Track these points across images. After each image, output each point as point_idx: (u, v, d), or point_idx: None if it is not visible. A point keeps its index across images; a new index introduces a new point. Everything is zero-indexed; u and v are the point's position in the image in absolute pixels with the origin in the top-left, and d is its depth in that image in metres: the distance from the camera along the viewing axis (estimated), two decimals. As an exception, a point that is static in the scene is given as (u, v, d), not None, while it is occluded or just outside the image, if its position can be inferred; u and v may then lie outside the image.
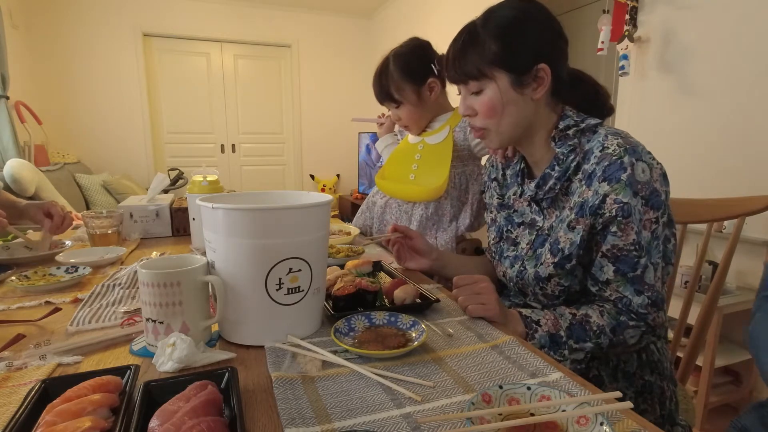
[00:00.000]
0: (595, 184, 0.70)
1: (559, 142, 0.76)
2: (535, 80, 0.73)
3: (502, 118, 0.75)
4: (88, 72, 3.98)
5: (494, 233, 0.91)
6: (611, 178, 0.68)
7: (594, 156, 0.71)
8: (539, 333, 0.71)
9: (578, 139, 0.75)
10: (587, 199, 0.71)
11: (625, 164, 0.68)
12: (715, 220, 1.00)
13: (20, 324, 0.71)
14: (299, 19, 4.67)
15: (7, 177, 2.49)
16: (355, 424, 0.46)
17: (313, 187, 4.93)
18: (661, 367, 0.78)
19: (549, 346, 0.71)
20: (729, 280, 1.80)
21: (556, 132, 0.77)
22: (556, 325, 0.72)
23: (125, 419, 0.43)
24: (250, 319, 0.63)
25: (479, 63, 0.73)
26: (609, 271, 0.71)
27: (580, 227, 0.72)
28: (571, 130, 0.75)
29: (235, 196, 0.77)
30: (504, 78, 0.73)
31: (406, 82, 1.22)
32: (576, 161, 0.74)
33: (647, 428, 0.45)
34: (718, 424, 1.77)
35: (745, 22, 1.75)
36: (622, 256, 0.70)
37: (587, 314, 0.72)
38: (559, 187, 0.76)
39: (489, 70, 0.73)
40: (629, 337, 0.71)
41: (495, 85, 0.73)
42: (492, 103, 0.74)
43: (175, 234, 1.41)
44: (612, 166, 0.68)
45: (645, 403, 0.76)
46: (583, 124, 0.75)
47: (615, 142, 0.70)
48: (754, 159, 1.74)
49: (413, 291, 0.79)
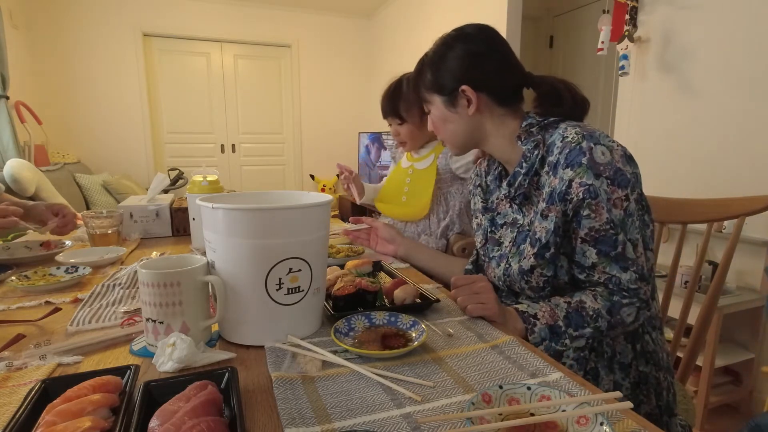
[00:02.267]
0: (560, 171, 0.74)
1: (524, 140, 0.81)
2: (462, 99, 0.82)
3: (444, 131, 0.87)
4: (88, 72, 3.98)
5: (480, 236, 0.94)
6: (573, 164, 0.72)
7: (556, 147, 0.75)
8: (538, 326, 0.73)
9: (541, 135, 0.79)
10: (555, 187, 0.74)
11: (584, 149, 0.71)
12: (715, 220, 1.00)
13: (20, 324, 0.71)
14: (299, 19, 4.67)
15: (7, 177, 2.49)
16: (355, 424, 0.46)
17: (313, 187, 4.93)
18: (656, 358, 0.79)
19: (549, 337, 0.72)
20: (729, 280, 1.80)
21: (521, 131, 0.81)
22: (553, 316, 0.73)
23: (125, 419, 0.43)
24: (250, 319, 0.63)
25: (421, 89, 0.87)
26: (592, 254, 0.73)
27: (552, 215, 0.75)
28: (534, 128, 0.80)
29: (235, 196, 0.77)
30: (437, 100, 0.85)
31: (415, 104, 1.34)
32: (540, 155, 0.78)
33: (647, 428, 0.46)
34: (718, 424, 1.77)
35: (745, 22, 1.75)
36: (600, 237, 0.72)
37: (581, 300, 0.74)
38: (528, 182, 0.80)
39: (426, 94, 0.86)
40: (626, 316, 0.73)
41: (434, 107, 0.86)
42: (433, 119, 0.88)
43: (175, 234, 1.41)
44: (572, 152, 0.72)
45: (641, 394, 0.77)
46: (545, 121, 0.80)
47: (573, 131, 0.74)
48: (754, 159, 1.74)
49: (413, 291, 0.79)
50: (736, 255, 0.97)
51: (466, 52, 0.81)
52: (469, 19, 0.80)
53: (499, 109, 0.83)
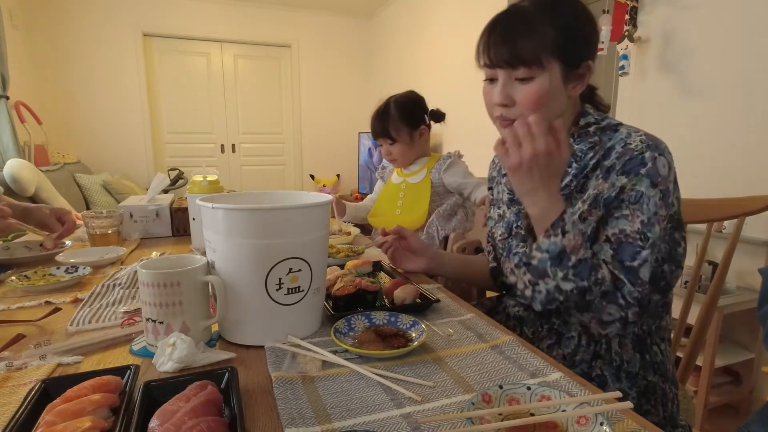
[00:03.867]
0: (612, 176, 0.69)
1: (578, 138, 0.75)
2: (579, 77, 0.72)
3: (544, 111, 0.70)
4: (88, 72, 3.98)
5: (503, 229, 0.88)
6: (629, 171, 0.67)
7: (615, 152, 0.70)
8: (556, 240, 0.64)
9: (598, 137, 0.73)
10: (602, 191, 0.69)
11: (646, 159, 0.67)
12: (715, 220, 1.00)
13: (20, 324, 0.71)
14: (299, 19, 4.67)
15: (7, 177, 2.49)
16: (355, 424, 0.46)
17: (313, 187, 4.93)
18: (663, 369, 0.78)
19: (553, 258, 0.65)
20: (729, 280, 1.80)
21: (575, 129, 0.75)
22: (575, 248, 0.65)
23: (125, 419, 0.43)
24: (250, 319, 0.63)
25: (538, 49, 0.68)
26: (607, 254, 0.69)
27: (591, 219, 0.70)
28: (591, 127, 0.74)
29: (235, 196, 0.78)
30: (557, 69, 0.69)
31: (404, 125, 1.45)
32: (596, 159, 0.72)
33: (647, 428, 0.46)
34: (718, 424, 1.77)
35: (745, 22, 1.75)
36: (626, 242, 0.67)
37: (602, 266, 0.67)
38: (575, 185, 0.74)
39: (546, 58, 0.68)
40: (606, 314, 0.68)
41: (547, 76, 0.69)
42: (540, 93, 0.69)
43: (175, 234, 1.41)
44: (632, 160, 0.68)
45: (648, 404, 0.76)
46: (603, 122, 0.74)
47: (638, 138, 0.69)
48: (754, 159, 1.74)
49: (413, 291, 0.79)
50: (736, 255, 0.97)
51: (594, 26, 0.72)
52: (469, 18, 0.79)
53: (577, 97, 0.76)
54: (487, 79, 0.75)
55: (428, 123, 1.51)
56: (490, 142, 0.71)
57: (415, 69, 3.98)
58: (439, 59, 3.58)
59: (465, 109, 3.01)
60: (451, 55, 3.39)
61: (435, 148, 3.52)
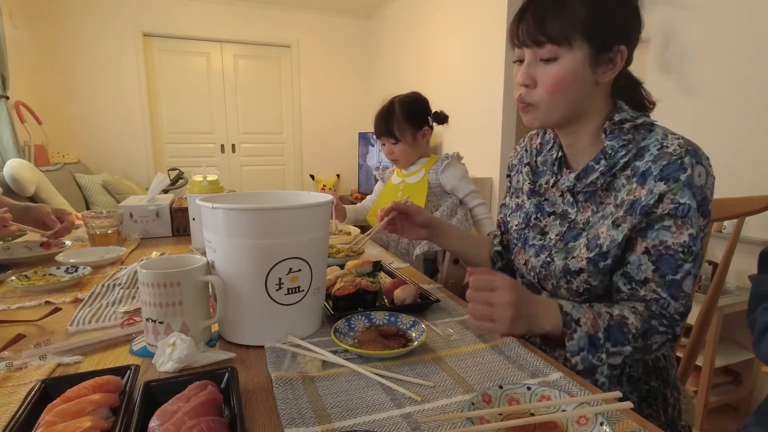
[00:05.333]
0: (650, 182, 0.66)
1: (610, 134, 0.71)
2: (609, 62, 0.68)
3: (563, 95, 0.68)
4: (88, 72, 3.98)
5: (520, 219, 0.86)
6: (669, 178, 0.65)
7: (650, 154, 0.67)
8: (578, 334, 0.64)
9: (632, 135, 0.70)
10: (639, 197, 0.67)
11: (686, 165, 0.64)
12: (714, 220, 1.00)
13: (20, 324, 0.71)
14: (299, 19, 4.67)
15: (7, 177, 2.49)
16: (355, 424, 0.46)
17: (313, 187, 4.93)
18: (665, 374, 0.77)
19: (587, 349, 0.64)
20: (729, 280, 1.80)
21: (609, 124, 0.71)
22: (595, 325, 0.64)
23: (125, 419, 0.43)
24: (250, 319, 0.63)
25: (565, 26, 0.65)
26: (648, 270, 0.66)
27: (625, 225, 0.68)
28: (626, 124, 0.70)
29: (235, 196, 0.78)
30: (584, 50, 0.66)
31: (407, 125, 1.47)
32: (627, 157, 0.69)
33: (647, 428, 0.46)
34: (718, 424, 1.77)
35: (745, 22, 1.75)
36: (667, 255, 0.65)
37: (624, 315, 0.65)
38: (602, 182, 0.71)
39: (572, 36, 0.65)
40: (654, 343, 0.66)
41: (572, 56, 0.66)
42: (562, 76, 0.67)
43: (175, 234, 1.41)
44: (671, 165, 0.65)
45: (649, 408, 0.75)
46: (639, 120, 0.71)
47: (676, 142, 0.67)
48: (754, 159, 1.74)
49: (413, 291, 0.79)
50: (735, 255, 0.97)
51: (632, 5, 0.68)
52: (469, 18, 0.78)
53: (610, 88, 0.72)
54: (516, 60, 0.72)
55: (431, 124, 1.53)
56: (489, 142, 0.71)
57: (415, 69, 3.98)
58: (439, 59, 3.57)
59: (465, 109, 3.01)
60: (451, 55, 3.39)
61: (434, 148, 3.52)
